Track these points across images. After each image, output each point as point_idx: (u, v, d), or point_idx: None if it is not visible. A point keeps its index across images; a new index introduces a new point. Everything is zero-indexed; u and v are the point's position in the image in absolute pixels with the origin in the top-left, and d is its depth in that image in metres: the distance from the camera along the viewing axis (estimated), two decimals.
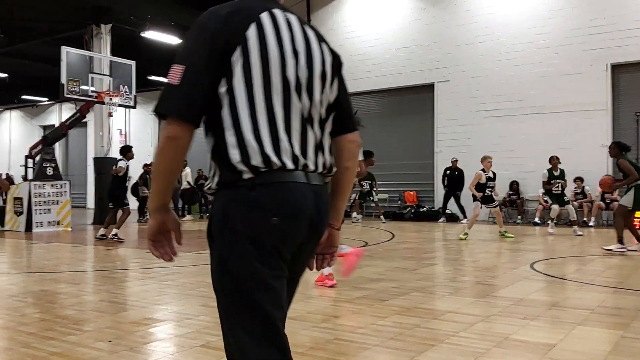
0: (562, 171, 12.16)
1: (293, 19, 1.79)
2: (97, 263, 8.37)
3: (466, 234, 11.25)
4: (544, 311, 4.79)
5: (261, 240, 1.61)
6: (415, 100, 18.51)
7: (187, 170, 18.82)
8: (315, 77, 1.76)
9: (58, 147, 25.49)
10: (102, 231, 11.43)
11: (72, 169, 28.90)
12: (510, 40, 16.49)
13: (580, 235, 11.88)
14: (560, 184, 12.11)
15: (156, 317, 4.67)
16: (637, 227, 9.44)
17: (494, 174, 11.59)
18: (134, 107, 16.24)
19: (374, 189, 16.78)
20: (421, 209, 17.52)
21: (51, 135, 15.99)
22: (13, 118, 32.55)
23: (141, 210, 17.57)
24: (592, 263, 7.93)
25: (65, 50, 13.82)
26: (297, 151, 1.68)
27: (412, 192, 18.47)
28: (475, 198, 11.40)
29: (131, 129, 25.63)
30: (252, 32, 1.64)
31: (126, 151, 11.35)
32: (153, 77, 23.58)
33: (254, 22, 1.65)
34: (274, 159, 1.61)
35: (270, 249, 1.62)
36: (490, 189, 11.49)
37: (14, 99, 30.52)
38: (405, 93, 18.65)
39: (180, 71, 1.59)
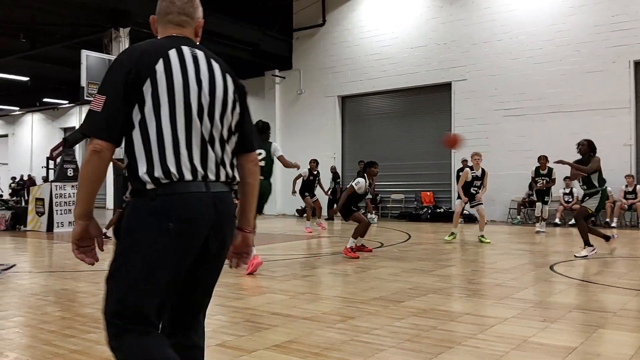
0: (550, 170, 12.49)
1: (200, 54, 2.15)
2: None
3: (453, 234, 11.06)
4: (565, 314, 4.73)
5: (155, 244, 1.92)
6: (432, 100, 18.43)
7: None
8: (217, 103, 2.09)
9: (78, 149, 25.84)
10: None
11: None
12: (529, 38, 16.33)
13: (543, 232, 12.56)
14: (544, 181, 12.55)
15: None
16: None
17: (483, 171, 11.07)
18: None
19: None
20: (438, 210, 17.43)
21: (71, 137, 16.21)
22: (35, 120, 33.02)
23: None
24: (614, 265, 7.84)
25: (85, 53, 13.98)
26: (197, 165, 1.99)
27: (428, 193, 18.38)
28: (459, 196, 11.23)
29: None
30: (160, 66, 1.98)
31: None
32: None
33: (162, 58, 2.00)
34: (173, 171, 1.94)
35: (162, 252, 1.93)
36: (477, 188, 11.03)
37: (36, 102, 30.92)
38: (421, 92, 18.57)
39: (102, 100, 1.94)
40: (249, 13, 19.89)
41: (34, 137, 32.93)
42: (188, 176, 1.96)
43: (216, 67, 2.16)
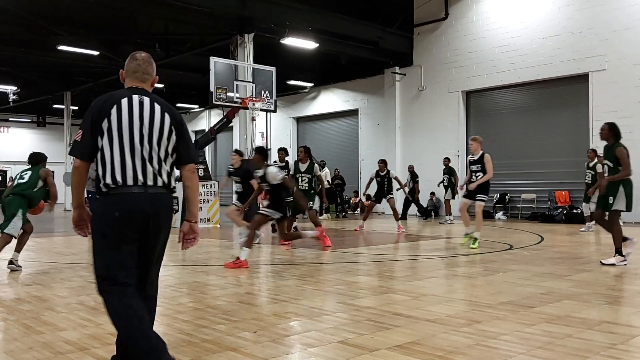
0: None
1: (146, 100, 3.13)
2: None
3: (474, 238, 9.51)
4: None
5: (110, 226, 2.98)
6: (566, 92, 17.32)
7: (326, 170, 19.16)
8: (154, 133, 3.08)
9: (208, 150, 27.37)
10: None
11: (220, 170, 30.74)
12: None
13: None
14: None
15: (296, 312, 4.79)
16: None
17: (482, 156, 9.94)
18: (274, 111, 16.90)
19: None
20: (574, 211, 16.28)
21: (201, 140, 17.13)
22: None
23: None
24: None
25: (213, 60, 14.72)
26: (139, 175, 3.02)
27: (563, 192, 17.28)
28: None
29: (272, 132, 26.78)
30: (113, 110, 3.03)
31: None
32: (292, 82, 24.42)
33: (116, 104, 3.05)
34: (119, 179, 2.99)
35: (115, 230, 2.98)
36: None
37: None
38: (555, 85, 17.52)
39: (81, 134, 3.04)
40: (368, 11, 19.90)
41: None
42: (130, 182, 3.01)
43: (157, 108, 3.14)
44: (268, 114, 17.91)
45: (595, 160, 12.30)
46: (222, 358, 3.49)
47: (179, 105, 31.86)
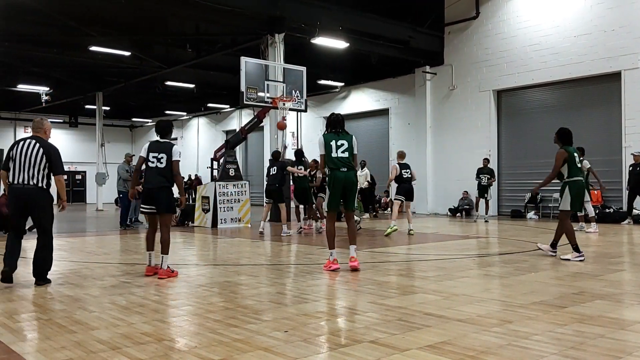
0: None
1: (33, 141, 6.23)
2: (273, 257, 8.88)
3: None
4: None
5: (10, 204, 6.30)
6: (598, 91, 17.00)
7: (366, 170, 19.16)
8: (31, 159, 6.13)
9: (239, 150, 27.57)
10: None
11: (251, 170, 30.99)
12: None
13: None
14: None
15: (327, 311, 4.83)
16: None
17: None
18: (304, 110, 16.96)
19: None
20: (606, 210, 16.02)
21: (232, 139, 17.31)
22: (200, 124, 35.77)
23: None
24: None
25: (244, 60, 14.84)
26: (24, 179, 6.12)
27: (596, 192, 16.97)
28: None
29: (302, 131, 26.86)
30: (15, 147, 6.24)
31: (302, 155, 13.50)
32: (322, 82, 24.46)
33: (17, 144, 6.27)
34: (11, 180, 6.19)
35: (14, 210, 6.28)
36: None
37: (201, 107, 33.54)
38: (586, 83, 17.21)
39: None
40: (399, 10, 19.83)
41: (199, 140, 35.66)
42: (17, 182, 6.12)
43: (37, 145, 6.18)
44: (299, 113, 17.98)
45: (582, 157, 12.15)
46: (254, 357, 3.53)
47: (210, 105, 32.18)
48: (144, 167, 6.80)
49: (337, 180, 7.09)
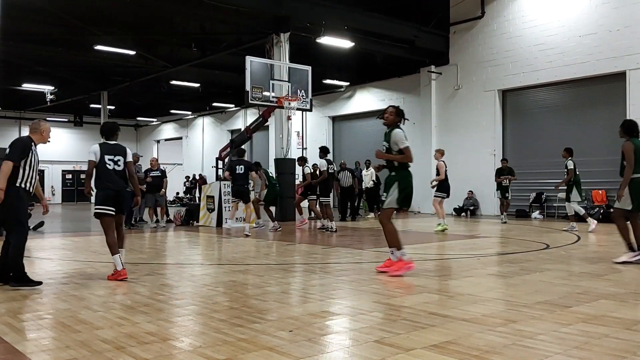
0: None
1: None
2: (278, 257, 8.89)
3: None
4: None
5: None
6: (603, 91, 16.95)
7: (371, 170, 19.14)
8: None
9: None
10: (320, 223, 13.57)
11: None
12: None
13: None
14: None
15: (332, 311, 4.84)
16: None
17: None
18: (310, 110, 16.97)
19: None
20: (611, 210, 15.94)
21: (237, 139, 17.35)
22: (205, 124, 35.82)
23: None
24: None
25: (249, 59, 14.85)
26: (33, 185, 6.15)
27: (600, 191, 16.94)
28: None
29: (307, 131, 26.90)
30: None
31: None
32: (327, 81, 24.47)
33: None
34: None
35: None
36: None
37: (206, 107, 33.59)
38: (592, 83, 17.17)
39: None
40: (404, 10, 19.82)
41: (204, 139, 35.70)
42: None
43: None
44: (304, 113, 18.04)
45: (569, 158, 12.65)
46: (258, 357, 3.53)
47: (215, 104, 32.21)
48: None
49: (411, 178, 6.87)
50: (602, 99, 17.01)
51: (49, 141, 6.41)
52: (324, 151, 13.43)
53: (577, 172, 12.75)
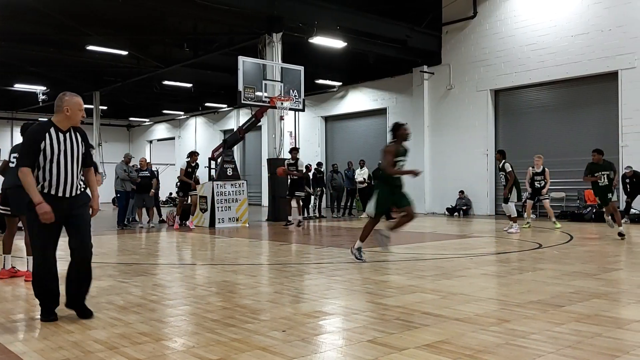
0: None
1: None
2: (271, 257, 8.88)
3: (528, 223, 13.31)
4: None
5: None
6: (596, 91, 17.04)
7: (365, 169, 19.18)
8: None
9: (236, 150, 27.55)
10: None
11: (249, 170, 30.93)
12: None
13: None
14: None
15: (325, 311, 4.83)
16: None
17: (544, 169, 13.65)
18: (302, 110, 16.96)
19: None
20: (603, 210, 16.01)
21: (230, 139, 17.31)
22: (198, 124, 35.69)
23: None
24: None
25: (241, 59, 14.82)
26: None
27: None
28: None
29: (300, 131, 26.86)
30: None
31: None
32: (320, 81, 24.46)
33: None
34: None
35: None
36: (538, 183, 13.59)
37: (199, 107, 33.49)
38: (584, 83, 17.25)
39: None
40: (396, 10, 19.84)
41: (197, 139, 35.57)
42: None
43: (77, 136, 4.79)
44: (296, 113, 18.02)
45: (504, 161, 12.78)
46: (252, 357, 3.52)
47: (207, 104, 32.13)
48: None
49: None
50: (594, 99, 17.10)
51: (81, 120, 4.69)
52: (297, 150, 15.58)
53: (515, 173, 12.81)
